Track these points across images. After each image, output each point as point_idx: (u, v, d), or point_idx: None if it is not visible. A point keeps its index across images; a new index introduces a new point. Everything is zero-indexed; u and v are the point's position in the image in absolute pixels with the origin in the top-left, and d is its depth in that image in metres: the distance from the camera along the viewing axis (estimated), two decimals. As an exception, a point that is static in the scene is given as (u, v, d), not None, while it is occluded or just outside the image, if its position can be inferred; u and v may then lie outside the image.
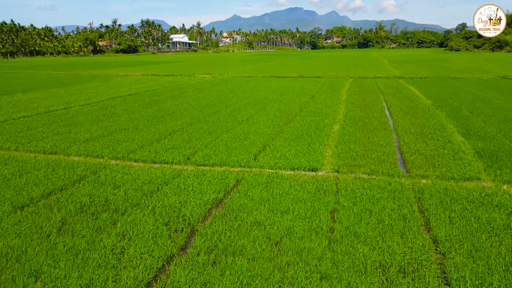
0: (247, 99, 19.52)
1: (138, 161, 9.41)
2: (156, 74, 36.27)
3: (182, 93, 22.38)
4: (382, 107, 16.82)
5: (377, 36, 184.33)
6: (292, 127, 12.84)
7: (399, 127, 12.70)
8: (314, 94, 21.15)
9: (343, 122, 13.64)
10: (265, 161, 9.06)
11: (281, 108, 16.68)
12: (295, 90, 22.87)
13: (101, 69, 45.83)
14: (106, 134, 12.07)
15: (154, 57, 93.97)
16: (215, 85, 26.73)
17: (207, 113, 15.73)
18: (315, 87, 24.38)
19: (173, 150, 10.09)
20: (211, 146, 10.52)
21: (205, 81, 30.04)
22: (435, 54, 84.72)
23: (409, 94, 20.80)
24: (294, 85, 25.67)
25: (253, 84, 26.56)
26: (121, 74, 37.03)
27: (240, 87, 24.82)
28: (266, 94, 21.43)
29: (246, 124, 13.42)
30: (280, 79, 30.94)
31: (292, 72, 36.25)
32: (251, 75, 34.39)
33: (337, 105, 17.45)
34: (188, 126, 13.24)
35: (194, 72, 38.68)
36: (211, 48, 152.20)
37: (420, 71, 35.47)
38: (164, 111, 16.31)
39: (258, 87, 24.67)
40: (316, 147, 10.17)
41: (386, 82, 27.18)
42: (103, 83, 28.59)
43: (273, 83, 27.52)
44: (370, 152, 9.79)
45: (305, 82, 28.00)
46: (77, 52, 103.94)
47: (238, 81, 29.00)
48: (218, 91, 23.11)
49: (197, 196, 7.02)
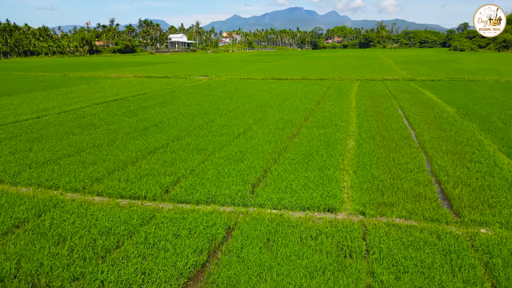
0: (245, 105, 17.42)
1: (102, 194, 7.30)
2: (150, 76, 34.15)
3: (173, 98, 20.27)
4: (399, 116, 14.71)
5: (378, 36, 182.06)
6: (297, 143, 10.73)
7: (426, 142, 10.59)
8: (320, 100, 19.04)
9: (358, 136, 11.53)
10: (266, 196, 6.96)
11: (284, 117, 14.58)
12: (299, 95, 20.76)
13: (93, 70, 43.72)
14: (72, 153, 9.96)
15: (152, 57, 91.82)
16: (211, 88, 24.62)
17: (199, 123, 13.62)
18: (320, 91, 22.27)
19: (149, 177, 7.98)
20: (198, 171, 8.42)
21: (201, 84, 27.93)
22: (440, 54, 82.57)
23: (425, 99, 18.69)
24: (297, 89, 23.56)
25: (252, 88, 24.46)
26: (113, 76, 34.92)
27: (238, 91, 22.71)
28: (266, 99, 19.33)
29: (243, 138, 11.32)
30: (282, 81, 28.83)
31: (294, 74, 34.13)
32: (251, 77, 32.29)
33: (347, 113, 15.34)
34: (174, 141, 11.14)
35: (190, 73, 36.58)
36: (210, 48, 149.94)
37: (430, 72, 33.34)
38: (149, 120, 14.20)
39: (258, 91, 22.57)
40: (331, 174, 8.05)
41: (397, 85, 25.07)
42: (90, 86, 26.48)
43: (274, 86, 25.42)
44: (399, 180, 7.69)
45: (308, 85, 25.89)
46: (73, 53, 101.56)
47: (237, 84, 26.91)
48: (214, 95, 21.00)
49: (170, 261, 4.91)
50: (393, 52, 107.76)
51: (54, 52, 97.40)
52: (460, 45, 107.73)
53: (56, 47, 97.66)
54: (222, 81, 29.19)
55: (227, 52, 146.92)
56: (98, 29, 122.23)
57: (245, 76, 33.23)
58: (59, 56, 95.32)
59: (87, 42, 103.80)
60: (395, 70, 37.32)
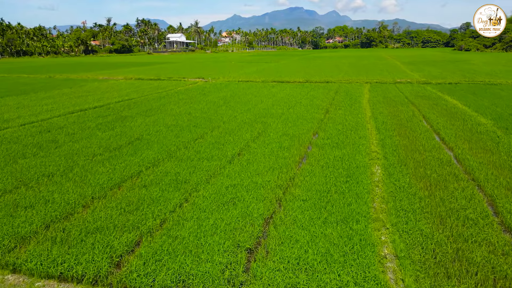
0: (243, 114, 14.97)
1: (20, 269, 4.83)
2: (141, 78, 31.68)
3: (161, 105, 17.80)
4: (426, 130, 12.24)
5: (380, 35, 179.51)
6: (308, 171, 8.26)
7: (475, 171, 8.12)
8: (329, 107, 16.59)
9: (384, 160, 9.07)
10: (268, 278, 4.48)
11: (288, 131, 12.12)
12: (304, 101, 18.31)
13: (83, 71, 41.24)
14: (10, 188, 7.49)
15: (148, 57, 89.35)
16: (206, 93, 22.16)
17: (185, 139, 11.17)
18: (327, 97, 19.81)
19: (99, 235, 5.51)
20: (171, 222, 5.95)
21: (195, 87, 25.47)
22: (446, 54, 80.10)
23: (450, 107, 16.23)
24: (301, 94, 21.09)
25: (251, 92, 22.00)
26: (101, 78, 32.45)
27: (235, 96, 20.25)
28: (267, 106, 16.88)
29: (238, 163, 8.86)
30: (284, 84, 26.36)
31: (297, 76, 31.65)
32: (250, 79, 29.82)
33: (364, 125, 12.88)
34: (150, 167, 8.68)
35: (185, 75, 34.11)
36: (209, 48, 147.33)
37: (445, 75, 30.83)
38: (126, 136, 11.74)
39: (258, 96, 20.11)
40: (361, 230, 5.58)
41: (412, 89, 22.60)
42: (72, 90, 24.01)
43: (276, 90, 22.95)
44: (464, 243, 5.23)
45: (314, 89, 23.43)
46: (68, 53, 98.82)
47: (234, 88, 24.45)
48: (208, 102, 18.54)
49: None
50: (396, 52, 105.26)
51: (48, 52, 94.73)
52: (465, 45, 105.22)
53: (50, 47, 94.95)
54: (218, 84, 26.72)
55: (227, 52, 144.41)
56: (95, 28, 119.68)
57: (244, 78, 30.78)
58: (53, 56, 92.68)
59: (82, 42, 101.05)
60: (404, 72, 34.84)
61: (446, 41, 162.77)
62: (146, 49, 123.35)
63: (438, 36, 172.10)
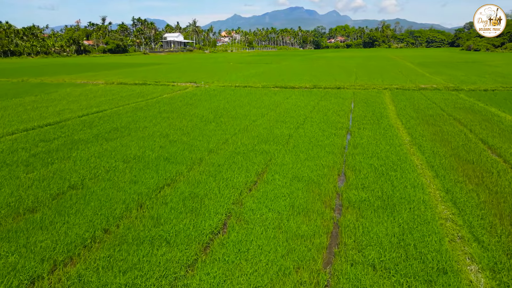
0: (236, 137, 11.08)
1: None
2: (124, 83, 27.75)
3: (132, 122, 13.89)
4: (504, 170, 8.32)
5: (383, 35, 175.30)
6: (350, 276, 4.33)
7: None
8: (349, 126, 12.70)
9: (479, 247, 5.16)
10: None
11: (301, 170, 8.23)
12: (315, 115, 14.41)
13: (64, 73, 37.29)
14: None
15: (143, 58, 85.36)
16: (194, 103, 18.27)
17: (145, 188, 7.27)
18: (343, 108, 15.92)
19: None
20: None
21: (183, 94, 21.58)
22: (457, 54, 76.11)
23: (509, 126, 12.30)
24: (310, 104, 17.20)
25: (249, 102, 18.10)
26: (79, 82, 28.51)
27: (229, 108, 16.37)
28: (269, 123, 12.98)
29: (216, 264, 4.96)
30: (288, 90, 22.45)
31: (302, 80, 27.73)
32: (249, 84, 25.92)
33: (408, 159, 8.96)
34: (56, 269, 4.77)
35: (175, 79, 30.21)
36: (208, 48, 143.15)
37: (473, 79, 26.80)
38: (59, 180, 7.83)
39: (257, 108, 16.23)
40: None
41: (443, 97, 18.67)
42: (36, 99, 20.10)
43: (279, 98, 19.05)
44: None
45: (324, 97, 19.52)
46: (59, 53, 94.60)
47: (229, 95, 20.56)
48: (194, 116, 14.65)
49: None
50: (402, 52, 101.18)
51: (38, 52, 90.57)
52: (474, 45, 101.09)
53: (40, 47, 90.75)
54: (211, 91, 22.82)
55: (226, 52, 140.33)
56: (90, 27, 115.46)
57: (241, 82, 26.88)
58: (43, 57, 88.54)
59: (74, 42, 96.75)
60: (423, 75, 30.89)
61: (451, 41, 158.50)
62: (142, 49, 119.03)
63: (442, 35, 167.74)
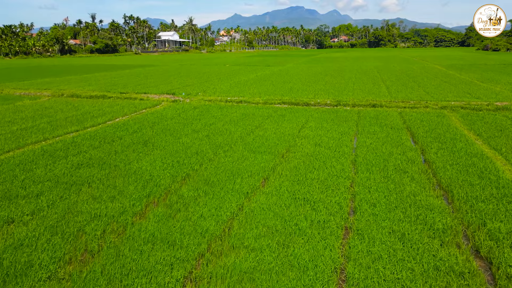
0: (210, 244, 3.91)
1: None
2: (77, 95, 20.62)
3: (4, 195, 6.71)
4: None
5: (389, 34, 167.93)
6: None
7: None
8: (442, 206, 5.51)
9: None
10: None
11: None
12: (370, 185, 7.26)
13: (12, 80, 30.05)
14: None
15: (132, 58, 78.11)
16: (152, 138, 11.13)
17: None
18: (409, 156, 8.75)
19: None
20: None
21: (146, 118, 14.46)
22: (481, 55, 68.78)
23: None
24: (344, 143, 10.07)
25: (243, 136, 11.01)
26: (17, 94, 21.36)
27: (207, 154, 9.24)
28: (282, 212, 5.81)
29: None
30: (301, 110, 15.35)
31: (317, 91, 20.60)
32: (245, 97, 18.82)
33: None
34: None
35: (151, 88, 23.12)
36: (205, 48, 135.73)
37: (548, 89, 19.69)
38: None
39: (256, 154, 9.09)
40: None
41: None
42: None
43: (290, 129, 11.91)
44: None
45: (361, 124, 12.38)
46: (41, 53, 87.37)
47: (214, 120, 13.47)
48: (134, 178, 7.49)
49: None
50: (416, 52, 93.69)
51: (18, 52, 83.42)
52: (493, 44, 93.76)
53: (19, 47, 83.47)
54: (191, 109, 15.72)
55: (224, 52, 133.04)
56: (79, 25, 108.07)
57: (236, 94, 19.79)
58: (22, 57, 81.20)
59: (57, 41, 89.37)
60: (472, 83, 23.67)
61: (462, 40, 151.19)
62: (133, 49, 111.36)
63: (452, 34, 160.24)
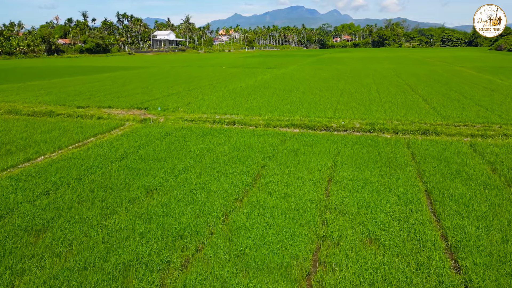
0: None
1: None
2: (16, 111, 15.44)
3: None
4: None
5: (393, 33, 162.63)
6: None
7: None
8: None
9: None
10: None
11: None
12: None
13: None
14: None
15: (122, 59, 72.86)
16: (55, 219, 5.88)
17: None
18: None
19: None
20: None
21: (85, 159, 9.28)
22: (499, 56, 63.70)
23: None
24: (417, 223, 4.81)
25: (225, 203, 5.79)
26: None
27: (155, 247, 3.95)
28: None
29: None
30: (320, 140, 10.17)
31: (336, 104, 15.44)
32: (237, 116, 13.68)
33: None
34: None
35: (122, 100, 18.00)
36: (203, 48, 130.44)
37: None
38: None
39: (247, 274, 3.84)
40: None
41: None
42: None
43: (305, 185, 6.72)
44: None
45: (449, 195, 7.17)
46: (26, 53, 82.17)
47: (187, 159, 8.32)
48: None
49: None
50: (427, 53, 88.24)
51: (0, 52, 78.22)
52: (507, 44, 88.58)
53: (1, 47, 78.18)
54: (159, 138, 10.51)
55: (223, 51, 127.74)
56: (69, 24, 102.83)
57: (228, 108, 14.62)
58: (5, 58, 76.07)
59: (43, 40, 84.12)
60: (534, 93, 18.45)
61: (469, 40, 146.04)
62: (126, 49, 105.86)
63: (459, 34, 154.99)
